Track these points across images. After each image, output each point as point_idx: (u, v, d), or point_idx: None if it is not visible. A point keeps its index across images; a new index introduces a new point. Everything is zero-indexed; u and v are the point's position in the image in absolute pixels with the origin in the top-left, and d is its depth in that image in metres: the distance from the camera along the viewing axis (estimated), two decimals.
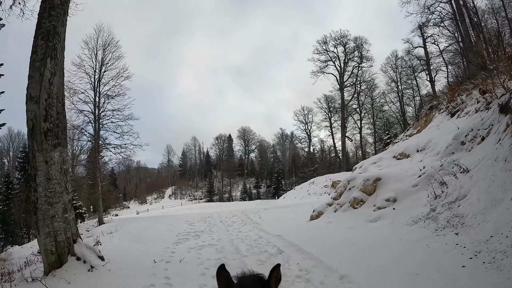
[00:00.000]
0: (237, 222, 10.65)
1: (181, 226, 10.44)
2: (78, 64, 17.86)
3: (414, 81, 39.07)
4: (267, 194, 53.20)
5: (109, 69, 18.71)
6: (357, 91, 43.04)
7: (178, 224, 10.89)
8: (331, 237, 6.39)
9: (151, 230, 10.32)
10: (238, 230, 9.12)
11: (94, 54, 18.64)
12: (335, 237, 6.38)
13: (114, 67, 18.72)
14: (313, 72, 41.80)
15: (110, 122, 19.12)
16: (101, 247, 7.74)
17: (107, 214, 47.19)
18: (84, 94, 18.20)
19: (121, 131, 18.79)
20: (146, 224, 11.88)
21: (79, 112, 17.89)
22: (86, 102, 18.19)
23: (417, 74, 38.25)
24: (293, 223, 9.40)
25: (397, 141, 31.44)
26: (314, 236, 6.70)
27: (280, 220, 10.36)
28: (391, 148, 13.83)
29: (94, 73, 18.56)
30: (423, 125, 24.28)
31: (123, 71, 18.90)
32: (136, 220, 15.16)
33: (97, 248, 6.54)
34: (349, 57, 42.29)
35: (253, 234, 8.18)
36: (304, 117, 52.37)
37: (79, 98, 17.96)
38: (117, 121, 19.16)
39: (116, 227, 11.92)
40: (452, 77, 29.41)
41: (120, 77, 18.65)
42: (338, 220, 7.75)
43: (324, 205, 9.30)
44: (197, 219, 12.07)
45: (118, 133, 18.77)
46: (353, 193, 8.52)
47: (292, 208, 14.14)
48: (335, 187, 25.64)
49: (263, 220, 10.78)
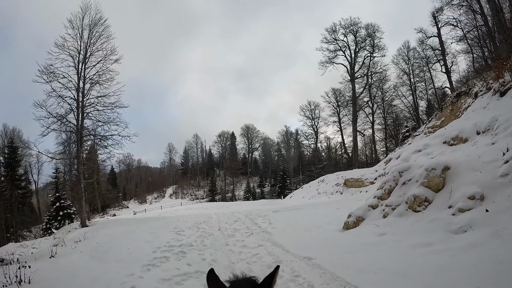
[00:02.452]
0: (240, 231, 7.93)
1: (165, 235, 7.79)
2: (61, 45, 15.38)
3: (428, 73, 36.18)
4: (271, 194, 50.61)
5: (96, 52, 16.25)
6: (369, 82, 40.08)
7: (163, 232, 8.24)
8: (401, 266, 3.68)
9: (125, 240, 7.71)
10: (241, 244, 6.41)
11: (79, 34, 16.09)
12: (408, 265, 3.68)
13: (102, 48, 16.23)
14: (322, 63, 38.97)
15: (96, 110, 16.59)
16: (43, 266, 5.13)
17: (105, 214, 45.24)
18: (67, 79, 15.72)
19: (107, 119, 16.23)
20: (125, 231, 9.28)
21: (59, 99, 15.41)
22: (68, 88, 15.71)
23: (431, 66, 35.35)
24: (319, 233, 6.65)
25: (417, 134, 28.72)
26: (369, 262, 4.01)
27: (299, 227, 7.63)
28: (438, 133, 11.02)
29: (78, 55, 16.03)
30: (448, 115, 21.48)
31: (111, 53, 16.39)
32: (120, 224, 12.56)
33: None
34: (360, 46, 39.36)
35: (265, 253, 5.47)
36: (311, 113, 49.68)
37: (60, 83, 15.51)
38: (103, 109, 16.63)
39: (85, 235, 9.36)
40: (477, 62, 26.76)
41: (108, 60, 16.19)
42: (396, 231, 5.06)
43: (363, 207, 6.58)
44: (189, 224, 9.41)
45: (102, 121, 16.19)
46: (411, 189, 5.79)
47: (307, 210, 11.42)
48: (348, 185, 23.10)
49: (275, 227, 8.06)
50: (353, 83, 38.85)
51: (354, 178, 21.79)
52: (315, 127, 49.89)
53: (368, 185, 20.02)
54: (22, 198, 25.36)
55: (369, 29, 38.67)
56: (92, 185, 45.08)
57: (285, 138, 61.29)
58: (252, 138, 64.56)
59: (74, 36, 15.75)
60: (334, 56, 39.25)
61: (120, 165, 67.35)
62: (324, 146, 51.51)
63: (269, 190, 54.33)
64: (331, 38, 39.05)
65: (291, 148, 59.86)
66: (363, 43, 39.26)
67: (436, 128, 21.90)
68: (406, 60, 38.08)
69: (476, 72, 21.92)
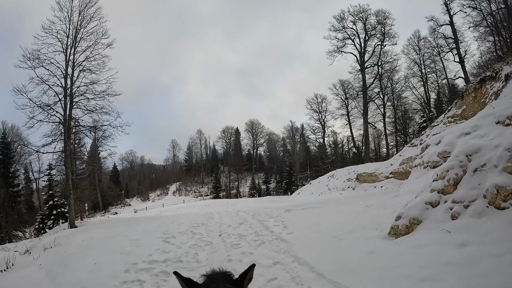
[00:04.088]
0: (248, 237, 6.06)
1: (149, 243, 6.01)
2: (48, 28, 13.72)
3: (440, 63, 34.05)
4: (277, 190, 48.85)
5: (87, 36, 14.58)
6: (379, 72, 37.77)
7: (148, 239, 6.45)
8: None
9: (99, 249, 5.97)
10: (250, 259, 4.53)
11: (68, 16, 14.38)
12: None
13: (93, 32, 14.55)
14: (330, 52, 36.68)
15: (86, 98, 14.92)
16: None
17: (107, 212, 43.94)
18: (55, 65, 14.05)
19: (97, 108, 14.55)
20: (105, 236, 7.55)
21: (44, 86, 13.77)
22: (55, 75, 14.06)
23: (443, 55, 33.29)
24: (356, 242, 4.77)
25: (435, 124, 26.66)
26: None
27: (323, 233, 5.77)
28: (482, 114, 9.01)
29: (67, 39, 14.35)
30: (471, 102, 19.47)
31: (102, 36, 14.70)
32: (108, 225, 10.88)
33: None
34: (370, 34, 37.02)
35: (286, 278, 3.56)
36: (318, 106, 47.59)
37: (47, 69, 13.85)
38: (94, 97, 14.94)
39: (56, 240, 7.67)
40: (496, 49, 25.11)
41: (99, 44, 14.52)
42: (482, 240, 3.34)
43: (419, 204, 4.67)
44: (184, 228, 7.62)
45: (91, 110, 14.50)
46: (489, 178, 3.96)
47: (325, 209, 9.55)
48: (361, 180, 21.18)
49: (292, 232, 6.19)
50: (363, 73, 36.59)
51: (367, 172, 20.04)
52: (322, 120, 47.85)
53: (383, 180, 18.25)
54: (16, 197, 23.89)
55: (379, 15, 36.28)
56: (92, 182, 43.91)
57: (290, 133, 59.46)
58: (257, 134, 62.82)
59: (62, 19, 14.06)
60: (343, 45, 37.06)
61: (123, 162, 66.26)
62: (331, 141, 49.59)
63: (275, 186, 52.66)
64: (339, 26, 36.81)
65: (296, 143, 57.99)
66: (373, 30, 36.93)
67: (456, 118, 19.89)
68: (416, 50, 36.09)
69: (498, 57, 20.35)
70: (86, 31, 14.70)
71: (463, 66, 29.79)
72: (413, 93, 37.57)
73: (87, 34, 14.71)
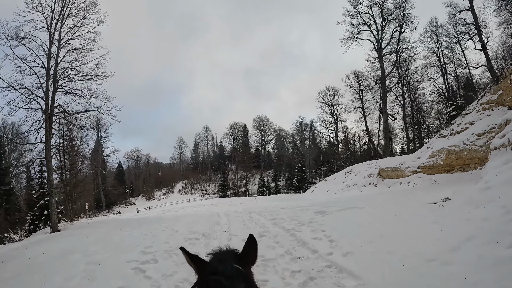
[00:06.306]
0: (278, 263, 3.55)
1: (107, 277, 3.66)
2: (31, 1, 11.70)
3: (461, 51, 31.17)
4: (288, 188, 46.37)
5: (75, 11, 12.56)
6: (397, 61, 34.81)
7: (113, 263, 4.12)
8: None
9: (39, 275, 3.67)
10: None
11: None
12: None
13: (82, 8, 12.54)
14: (344, 39, 33.75)
15: (71, 81, 12.87)
16: None
17: (110, 211, 42.20)
18: (37, 43, 12.01)
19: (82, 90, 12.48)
20: (65, 250, 5.29)
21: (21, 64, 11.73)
22: (37, 54, 12.04)
23: (464, 43, 30.42)
24: (487, 269, 2.33)
25: (467, 113, 24.01)
26: None
27: (407, 254, 3.29)
28: None
29: (52, 14, 12.29)
30: (509, 86, 16.74)
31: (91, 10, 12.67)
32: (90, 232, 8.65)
33: None
34: (388, 19, 34.06)
35: None
36: (330, 99, 44.88)
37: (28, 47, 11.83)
38: (81, 79, 12.90)
39: (5, 254, 5.40)
40: None
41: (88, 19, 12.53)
42: None
43: None
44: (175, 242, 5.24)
45: (75, 93, 12.37)
46: None
47: (371, 210, 7.02)
48: (384, 176, 18.50)
49: (350, 252, 3.61)
50: (381, 60, 33.59)
51: (391, 167, 17.47)
52: (335, 114, 45.07)
53: (410, 175, 15.69)
54: (7, 196, 22.02)
55: None
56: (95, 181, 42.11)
57: (300, 129, 56.91)
58: (265, 130, 60.59)
59: None
60: (358, 31, 34.19)
61: (128, 160, 64.75)
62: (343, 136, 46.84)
63: (284, 184, 50.20)
64: (354, 10, 33.92)
65: (305, 139, 55.40)
66: (391, 15, 33.96)
67: (492, 104, 17.12)
68: (434, 38, 33.51)
69: None
70: (74, 6, 12.70)
71: (486, 53, 26.96)
72: (431, 83, 34.80)
73: (75, 9, 12.70)
